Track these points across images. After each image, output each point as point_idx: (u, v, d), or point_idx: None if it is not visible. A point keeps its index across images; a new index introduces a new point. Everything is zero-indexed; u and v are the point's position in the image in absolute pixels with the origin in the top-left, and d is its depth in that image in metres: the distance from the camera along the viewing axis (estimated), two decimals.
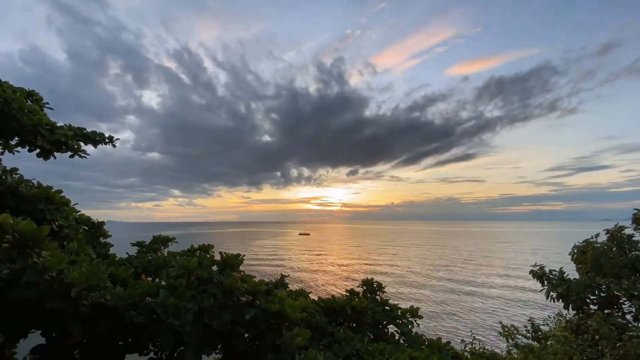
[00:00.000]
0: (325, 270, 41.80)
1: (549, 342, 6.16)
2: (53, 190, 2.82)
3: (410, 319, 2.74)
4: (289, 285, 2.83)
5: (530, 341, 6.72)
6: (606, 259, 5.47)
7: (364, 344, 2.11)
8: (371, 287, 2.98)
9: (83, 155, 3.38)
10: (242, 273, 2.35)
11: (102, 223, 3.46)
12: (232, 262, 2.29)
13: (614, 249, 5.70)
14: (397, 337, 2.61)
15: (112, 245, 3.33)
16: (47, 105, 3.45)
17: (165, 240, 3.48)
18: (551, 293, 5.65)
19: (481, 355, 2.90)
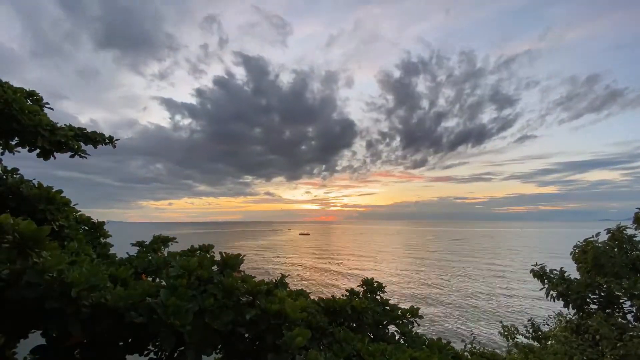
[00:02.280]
0: (320, 267, 41.82)
1: (549, 342, 6.16)
2: (53, 191, 2.82)
3: (410, 319, 2.74)
4: (289, 285, 2.83)
5: (530, 341, 6.73)
6: (607, 258, 5.46)
7: (365, 344, 2.11)
8: (371, 287, 2.97)
9: (83, 155, 3.39)
10: (242, 273, 2.35)
11: (102, 223, 3.47)
12: (232, 262, 2.29)
13: (615, 249, 5.70)
14: (397, 337, 2.61)
15: (112, 245, 3.34)
16: (47, 106, 3.46)
17: (165, 240, 3.49)
18: (551, 292, 5.65)
19: (481, 355, 2.90)
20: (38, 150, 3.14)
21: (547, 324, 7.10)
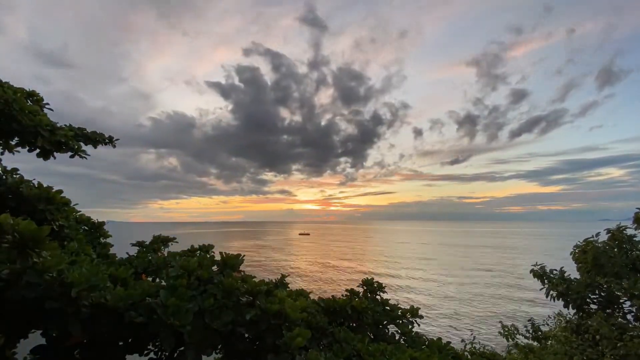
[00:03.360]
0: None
1: (549, 342, 6.16)
2: (53, 191, 2.82)
3: (410, 319, 2.74)
4: (289, 285, 2.83)
5: (530, 341, 6.73)
6: (606, 258, 5.46)
7: (365, 344, 2.11)
8: (371, 287, 2.98)
9: (83, 155, 3.39)
10: (242, 273, 2.35)
11: (102, 223, 3.47)
12: (232, 263, 2.29)
13: (615, 249, 5.70)
14: (397, 337, 2.61)
15: (112, 245, 3.34)
16: (47, 106, 3.46)
17: (165, 240, 3.49)
18: (551, 292, 5.65)
19: (481, 355, 2.90)
20: (38, 150, 3.14)
21: (547, 324, 7.10)
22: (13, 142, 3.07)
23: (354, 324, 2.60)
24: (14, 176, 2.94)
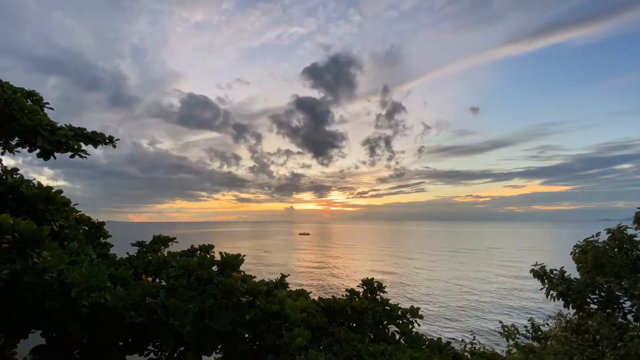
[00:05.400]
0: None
1: (549, 342, 6.16)
2: (53, 191, 2.83)
3: (410, 319, 2.74)
4: (289, 285, 2.84)
5: (530, 341, 6.73)
6: (607, 258, 5.46)
7: (365, 345, 2.11)
8: (371, 287, 2.98)
9: (83, 155, 3.39)
10: (242, 273, 2.35)
11: (102, 223, 3.47)
12: (232, 263, 2.29)
13: (615, 249, 5.69)
14: (397, 338, 2.61)
15: (112, 246, 3.34)
16: (47, 106, 3.46)
17: (165, 240, 3.49)
18: (551, 292, 5.65)
19: (481, 355, 2.90)
20: (38, 150, 3.14)
21: (547, 324, 7.09)
22: (13, 142, 3.07)
23: (354, 324, 2.61)
24: (14, 176, 2.95)
